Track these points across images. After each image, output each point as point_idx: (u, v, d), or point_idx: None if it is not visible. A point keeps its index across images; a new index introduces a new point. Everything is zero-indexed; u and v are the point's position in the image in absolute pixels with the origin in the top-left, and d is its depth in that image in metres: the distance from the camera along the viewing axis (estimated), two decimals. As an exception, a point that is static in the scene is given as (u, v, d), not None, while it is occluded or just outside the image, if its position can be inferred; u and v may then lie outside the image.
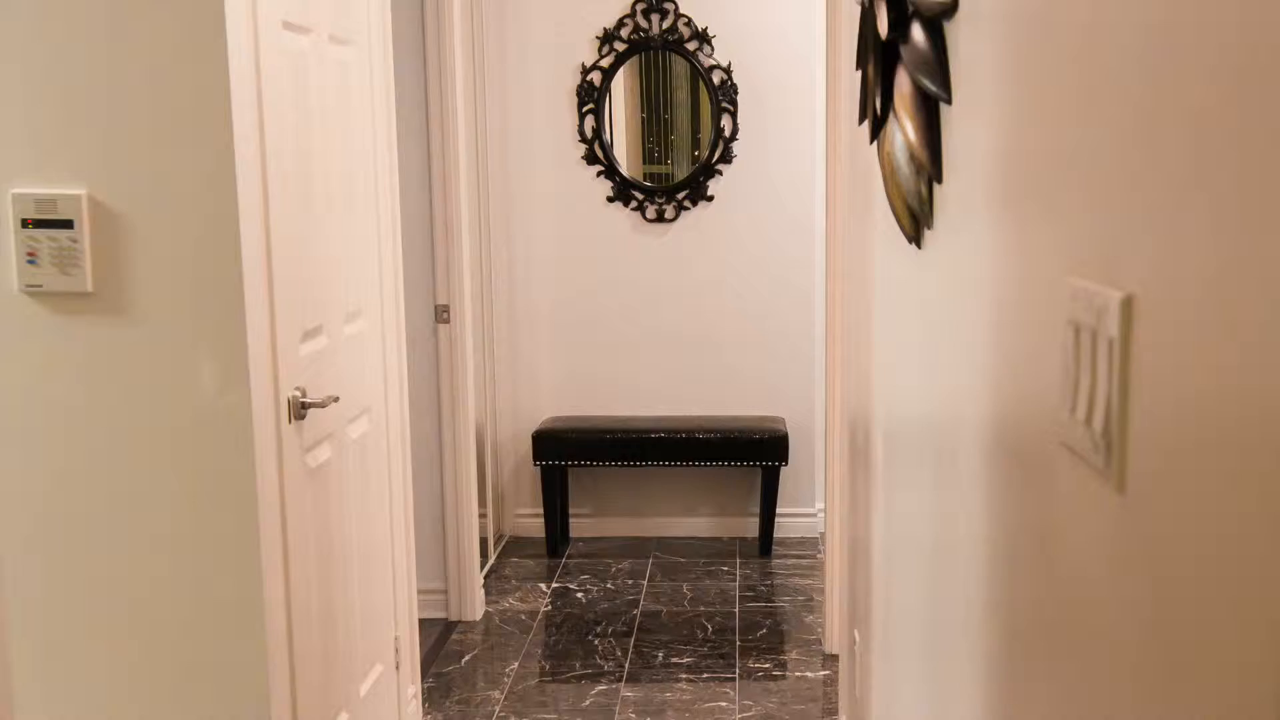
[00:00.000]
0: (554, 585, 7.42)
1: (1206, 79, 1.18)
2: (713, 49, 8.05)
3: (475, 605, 6.84)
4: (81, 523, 3.78)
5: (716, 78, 8.06)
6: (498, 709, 5.66)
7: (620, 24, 8.06)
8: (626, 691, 5.84)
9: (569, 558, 7.95)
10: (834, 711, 5.56)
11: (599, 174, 8.19)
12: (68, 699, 3.83)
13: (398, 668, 5.27)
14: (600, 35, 8.08)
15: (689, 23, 8.03)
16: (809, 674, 6.07)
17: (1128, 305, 1.38)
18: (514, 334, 8.29)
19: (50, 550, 3.79)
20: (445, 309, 6.64)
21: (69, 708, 3.83)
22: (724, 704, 5.70)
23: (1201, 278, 1.18)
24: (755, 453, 7.89)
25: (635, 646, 6.39)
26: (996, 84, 2.08)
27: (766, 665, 6.17)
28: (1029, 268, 1.87)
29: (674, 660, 6.22)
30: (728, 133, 8.12)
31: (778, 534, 8.19)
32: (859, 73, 3.48)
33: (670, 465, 7.93)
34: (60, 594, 3.80)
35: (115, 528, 3.79)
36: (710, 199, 8.18)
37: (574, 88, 8.14)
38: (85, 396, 3.74)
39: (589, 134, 8.14)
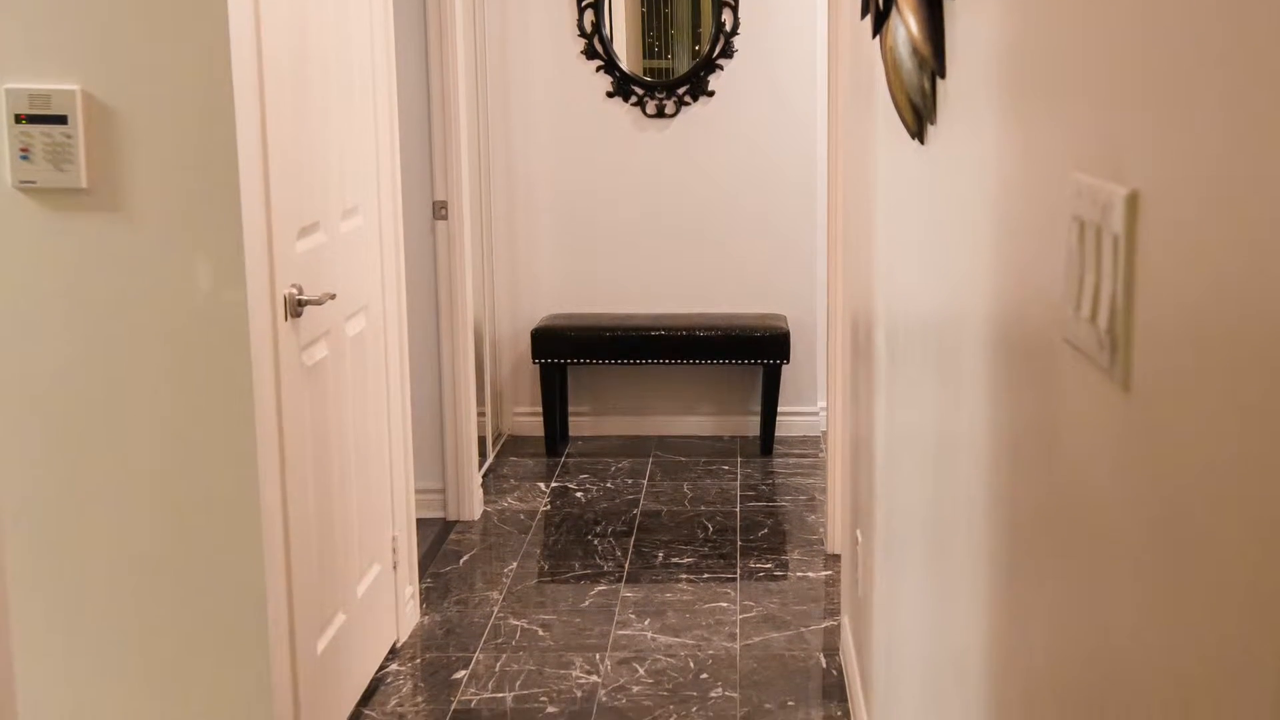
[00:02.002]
0: (553, 485, 7.42)
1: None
2: (714, -58, 7.98)
3: (473, 505, 6.84)
4: (76, 422, 3.78)
5: (718, -29, 8.00)
6: (496, 609, 5.67)
7: (620, -84, 7.99)
8: (626, 592, 5.84)
9: (568, 457, 7.95)
10: (836, 612, 5.57)
11: (598, 69, 8.13)
12: (60, 592, 3.82)
13: (395, 568, 5.26)
14: (600, -72, 8.01)
15: (690, -85, 7.95)
16: (810, 574, 6.07)
17: (1133, 201, 1.36)
18: (513, 231, 8.27)
19: (44, 449, 3.79)
20: (443, 205, 6.61)
21: (61, 601, 3.82)
22: (725, 604, 5.70)
23: (1208, 173, 1.16)
24: (756, 351, 7.88)
25: (635, 546, 6.39)
26: (1002, -26, 2.03)
27: (768, 565, 6.17)
28: (1033, 163, 1.84)
29: (674, 560, 6.22)
30: (728, 27, 8.06)
31: (779, 433, 8.19)
32: (861, -36, 3.44)
33: (671, 363, 7.93)
34: (53, 493, 3.79)
35: (110, 428, 3.78)
36: (711, 94, 8.14)
37: (573, -19, 8.08)
38: (79, 294, 3.73)
39: (588, 28, 8.08)
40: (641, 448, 8.10)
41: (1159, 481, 1.28)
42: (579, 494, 7.26)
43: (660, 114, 8.16)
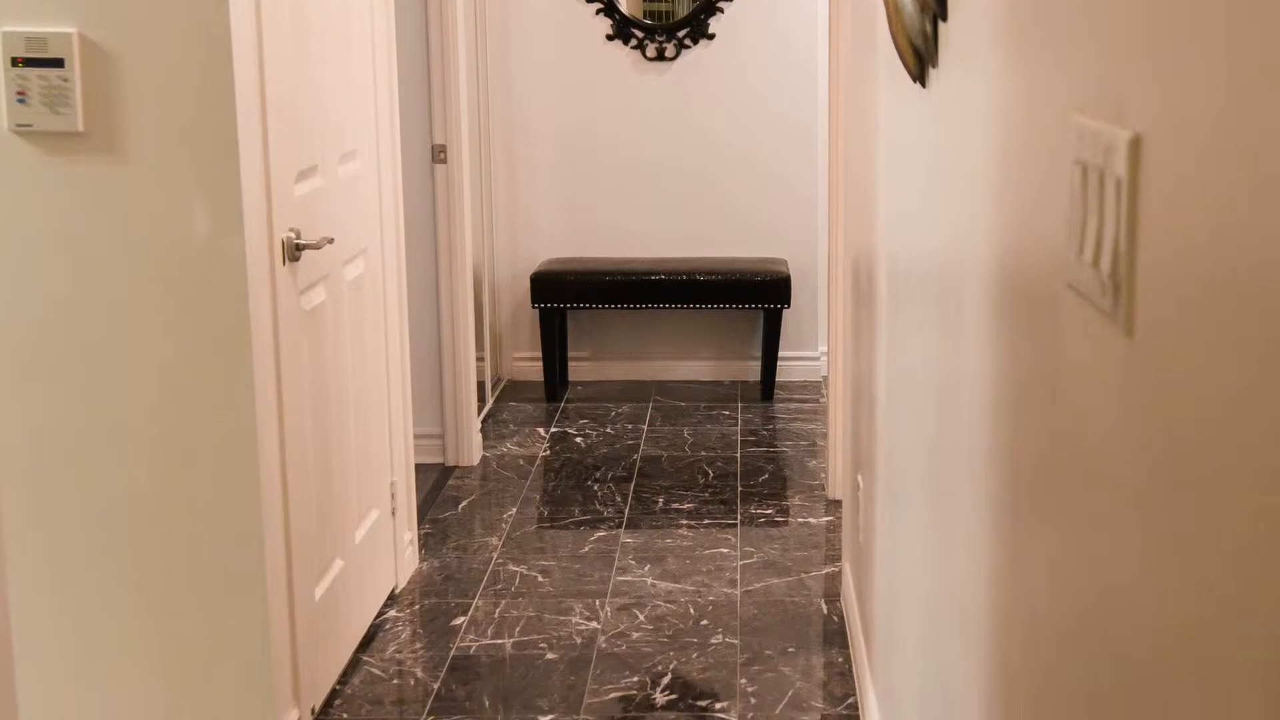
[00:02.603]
0: (552, 430, 7.42)
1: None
2: (715, -117, 7.93)
3: (472, 450, 6.83)
4: (73, 367, 3.77)
5: (718, -87, 7.95)
6: (495, 555, 5.66)
7: None
8: (626, 538, 5.84)
9: (568, 402, 7.94)
10: (837, 558, 5.56)
11: (598, 12, 8.10)
12: (56, 539, 3.82)
13: (394, 514, 5.26)
14: None
15: None
16: (811, 520, 6.07)
17: (1136, 145, 1.34)
18: (512, 175, 8.24)
19: (41, 394, 3.78)
20: (442, 149, 6.59)
21: (57, 549, 3.81)
22: (725, 550, 5.70)
23: (1211, 115, 1.15)
24: (757, 295, 7.87)
25: (635, 492, 6.39)
26: (1006, -87, 2.01)
27: (768, 511, 6.16)
28: (1035, 106, 1.83)
29: (674, 506, 6.22)
30: (730, -31, 8.03)
31: (780, 378, 8.18)
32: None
33: (671, 308, 7.92)
34: (50, 438, 3.79)
35: (107, 372, 3.77)
36: (711, 37, 8.10)
37: (573, -77, 8.03)
38: (75, 238, 3.72)
39: (588, -30, 8.05)
40: (641, 393, 8.09)
41: (1161, 426, 1.27)
42: (579, 439, 7.25)
43: (660, 57, 8.13)
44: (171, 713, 3.90)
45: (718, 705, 4.42)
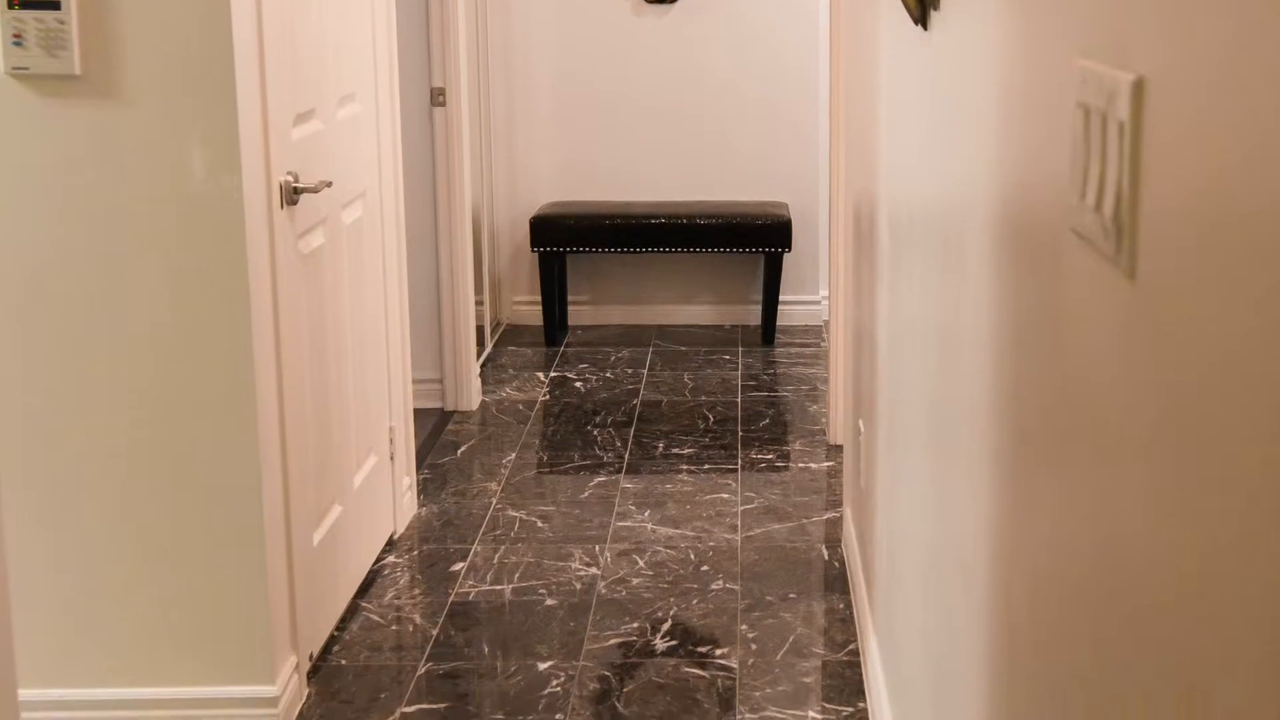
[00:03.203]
0: (552, 374, 7.40)
1: None
2: None
3: (471, 395, 6.81)
4: (70, 311, 3.76)
5: None
6: (494, 501, 5.65)
7: None
8: (626, 483, 5.83)
9: (567, 346, 7.92)
10: (838, 503, 5.55)
11: (599, -47, 8.05)
12: (53, 484, 3.81)
13: (392, 459, 5.24)
14: None
15: None
16: (812, 465, 6.06)
17: (1139, 88, 1.34)
18: (511, 118, 8.21)
19: (37, 338, 3.76)
20: (441, 92, 6.55)
21: (54, 494, 3.80)
22: (725, 495, 5.69)
23: (1215, 59, 1.14)
24: (757, 239, 7.86)
25: (635, 437, 6.38)
26: None
27: (769, 456, 6.15)
28: (1038, 49, 1.83)
29: (675, 451, 6.20)
30: (730, -90, 7.98)
31: (780, 322, 8.16)
32: None
33: (671, 252, 7.91)
34: (47, 383, 3.78)
35: (104, 316, 3.76)
36: (713, -21, 8.05)
37: None
38: (72, 182, 3.70)
39: (588, -89, 8.00)
40: (641, 337, 8.07)
41: (1165, 370, 1.27)
42: (578, 384, 7.24)
43: (661, -1, 8.10)
44: (169, 660, 3.90)
45: (718, 651, 4.42)
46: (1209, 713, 1.16)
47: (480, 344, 7.27)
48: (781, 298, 8.15)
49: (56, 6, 3.59)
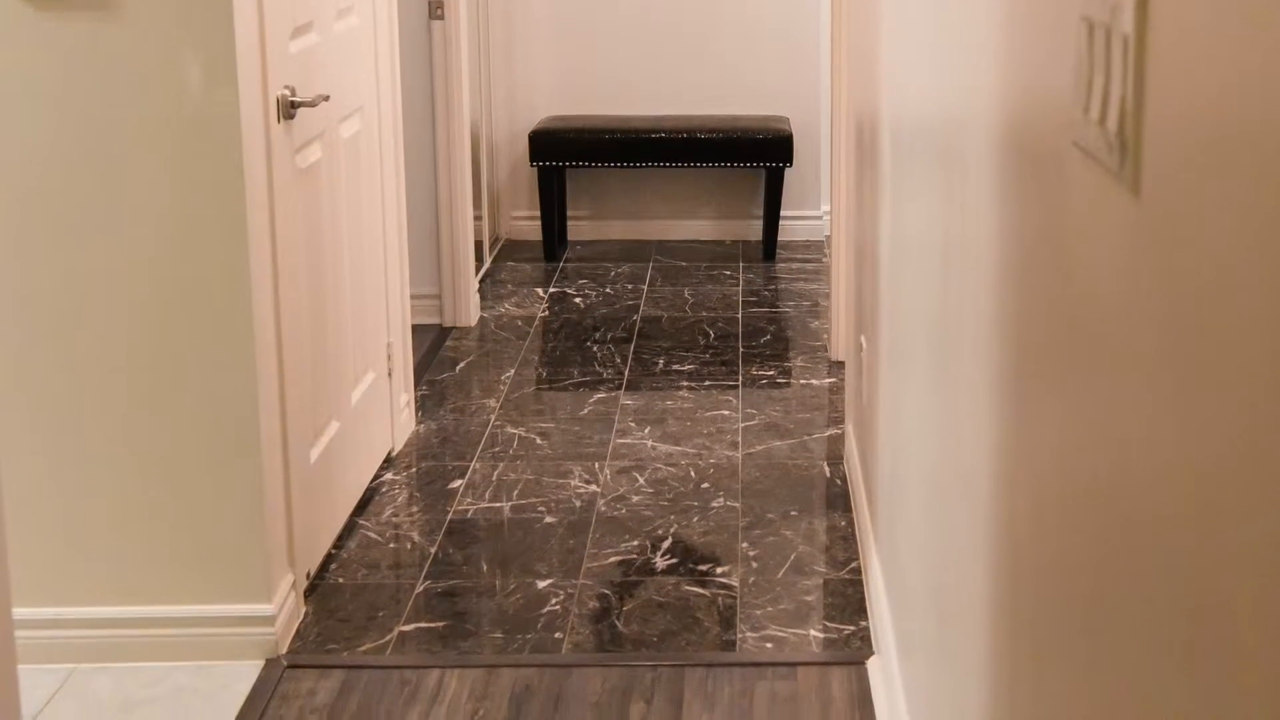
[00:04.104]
0: (551, 290, 7.37)
1: None
2: None
3: (470, 311, 6.78)
4: (65, 228, 3.73)
5: None
6: (493, 418, 5.62)
7: None
8: (626, 399, 5.80)
9: (566, 261, 7.89)
10: (840, 420, 5.52)
11: None
12: (49, 400, 3.79)
13: (390, 375, 5.22)
14: None
15: None
16: (814, 381, 6.03)
17: (1143, 0, 1.33)
18: (510, 31, 8.16)
19: (33, 255, 3.74)
20: (439, 4, 6.53)
21: (50, 410, 3.79)
22: (726, 412, 5.66)
23: None
24: (759, 153, 7.82)
25: (635, 353, 6.34)
26: None
27: (770, 372, 6.13)
28: None
29: (675, 367, 6.17)
30: None
31: (782, 237, 8.12)
32: None
33: (672, 166, 7.88)
34: (43, 299, 3.76)
35: (99, 233, 3.73)
36: (714, -111, 7.98)
37: None
38: (67, 97, 3.67)
39: None
40: (641, 252, 8.04)
41: (1169, 285, 1.27)
42: (578, 299, 7.20)
43: (661, -91, 8.02)
44: (165, 579, 3.88)
45: (719, 569, 4.40)
46: (1213, 628, 1.15)
47: (479, 259, 7.23)
48: (783, 213, 8.11)
49: (51, -81, 3.56)
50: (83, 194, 3.70)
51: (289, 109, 4.06)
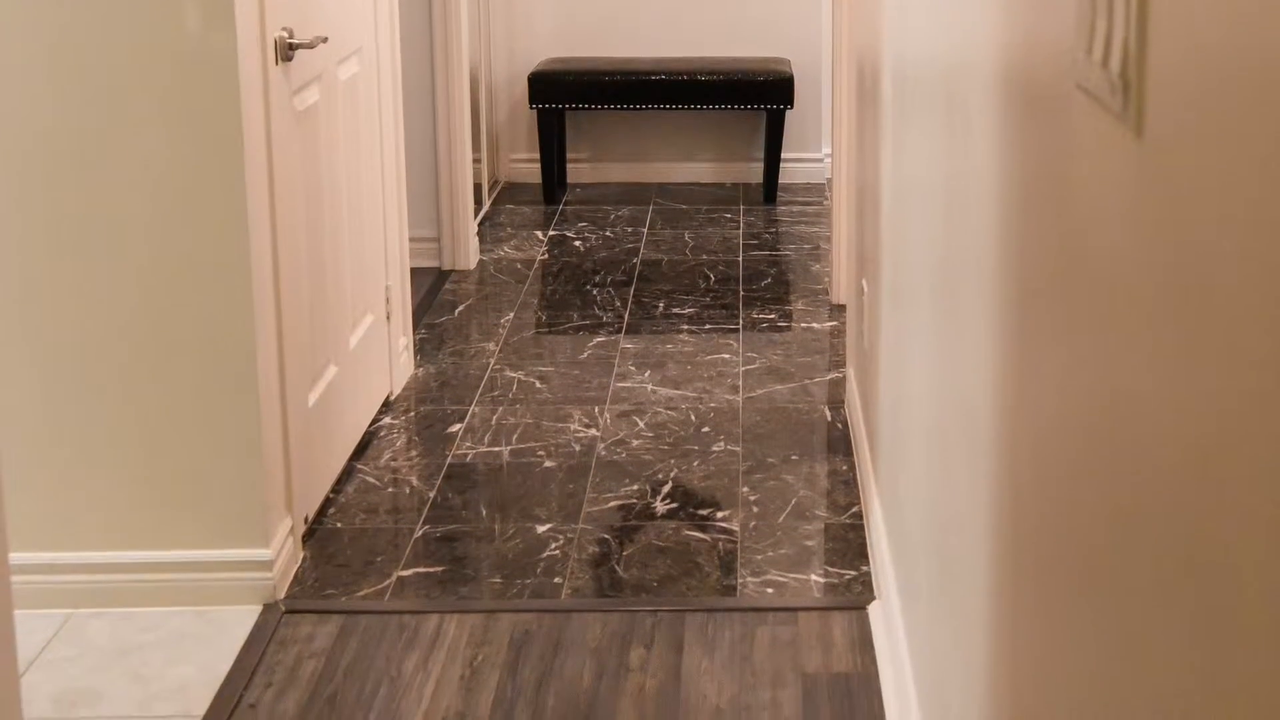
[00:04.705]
0: (550, 233, 7.34)
1: None
2: None
3: (469, 254, 6.75)
4: (60, 173, 3.71)
5: None
6: (492, 361, 5.60)
7: None
8: (626, 343, 5.78)
9: (566, 204, 7.87)
10: (841, 364, 5.50)
11: None
12: (44, 344, 3.78)
13: (388, 318, 5.20)
14: None
15: None
16: (815, 325, 6.01)
17: None
18: (510, -28, 8.11)
19: (27, 200, 3.72)
20: (437, -55, 6.45)
21: (46, 352, 3.78)
22: (727, 356, 5.64)
23: None
24: (759, 96, 7.81)
25: (635, 296, 6.32)
26: None
27: (771, 316, 6.11)
28: None
29: (675, 311, 6.15)
30: None
31: (783, 180, 8.10)
32: None
33: (672, 108, 7.87)
34: (38, 242, 3.74)
35: (96, 176, 3.71)
36: None
37: None
38: (62, 40, 3.64)
39: None
40: (641, 195, 8.01)
41: (1172, 228, 1.27)
42: (577, 243, 7.18)
43: None
44: (163, 523, 3.87)
45: (719, 514, 4.38)
46: (1216, 576, 1.15)
47: (478, 202, 7.21)
48: (784, 155, 8.09)
49: None
50: (79, 138, 3.68)
51: (287, 51, 4.04)
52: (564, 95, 7.86)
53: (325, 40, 4.26)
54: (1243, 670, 1.08)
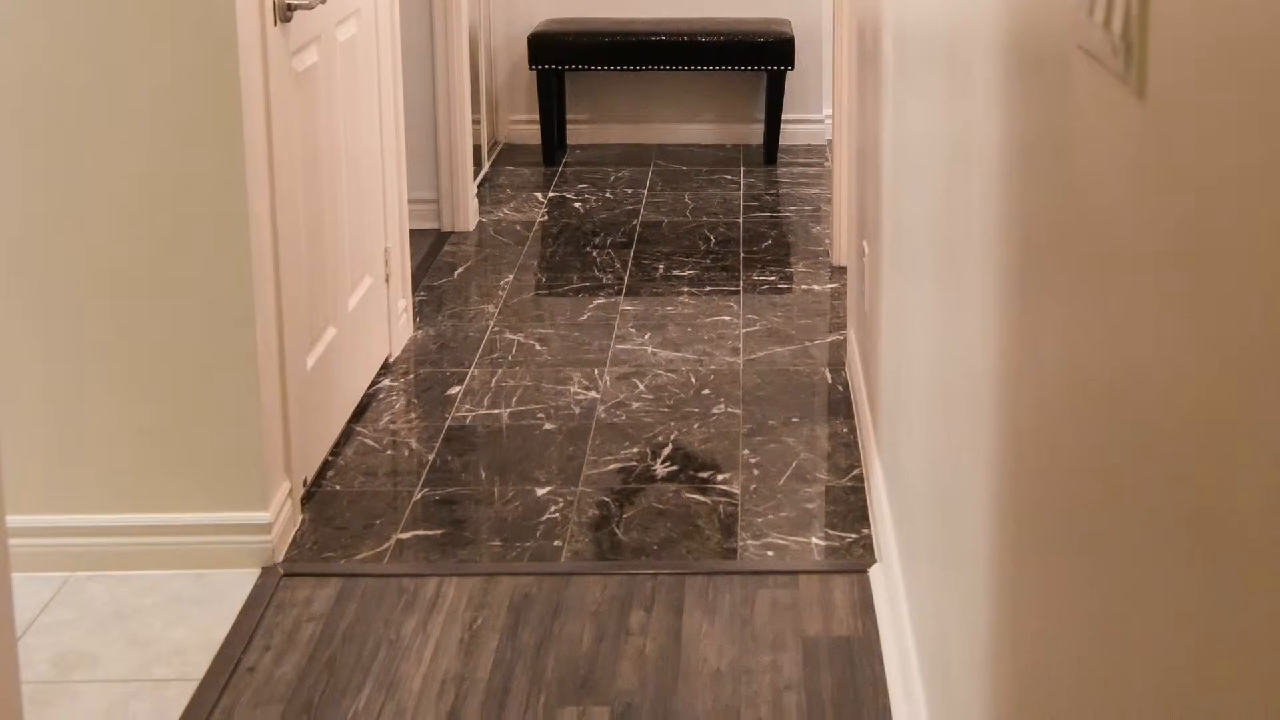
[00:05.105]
0: (550, 195, 7.32)
1: None
2: None
3: (468, 216, 6.74)
4: (58, 133, 3.69)
5: None
6: (492, 323, 5.59)
7: None
8: (626, 305, 5.77)
9: (566, 166, 7.84)
10: (841, 326, 5.49)
11: None
12: (42, 304, 3.77)
13: (388, 280, 5.18)
14: None
15: None
16: (815, 287, 6.00)
17: None
18: (509, -69, 8.08)
19: (25, 160, 3.71)
20: (436, -96, 6.43)
21: (43, 313, 3.77)
22: (727, 318, 5.63)
23: None
24: (760, 56, 7.79)
25: (635, 258, 6.31)
26: None
27: (771, 278, 6.09)
28: None
29: (675, 273, 6.14)
30: None
31: (783, 141, 8.08)
32: None
33: (672, 69, 7.85)
34: (35, 204, 3.73)
35: (93, 137, 3.70)
36: None
37: None
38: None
39: None
40: (641, 156, 7.99)
41: (1174, 188, 1.26)
42: (577, 204, 7.16)
43: None
44: (162, 487, 3.86)
45: (719, 477, 4.37)
46: (1218, 536, 1.14)
47: (477, 164, 7.19)
48: (784, 116, 8.07)
49: None
50: (78, 97, 3.66)
51: (285, 11, 4.03)
52: (564, 56, 7.84)
53: (324, 1, 4.24)
54: (1244, 629, 1.08)
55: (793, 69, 7.91)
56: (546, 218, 6.97)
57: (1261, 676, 1.04)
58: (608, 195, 7.30)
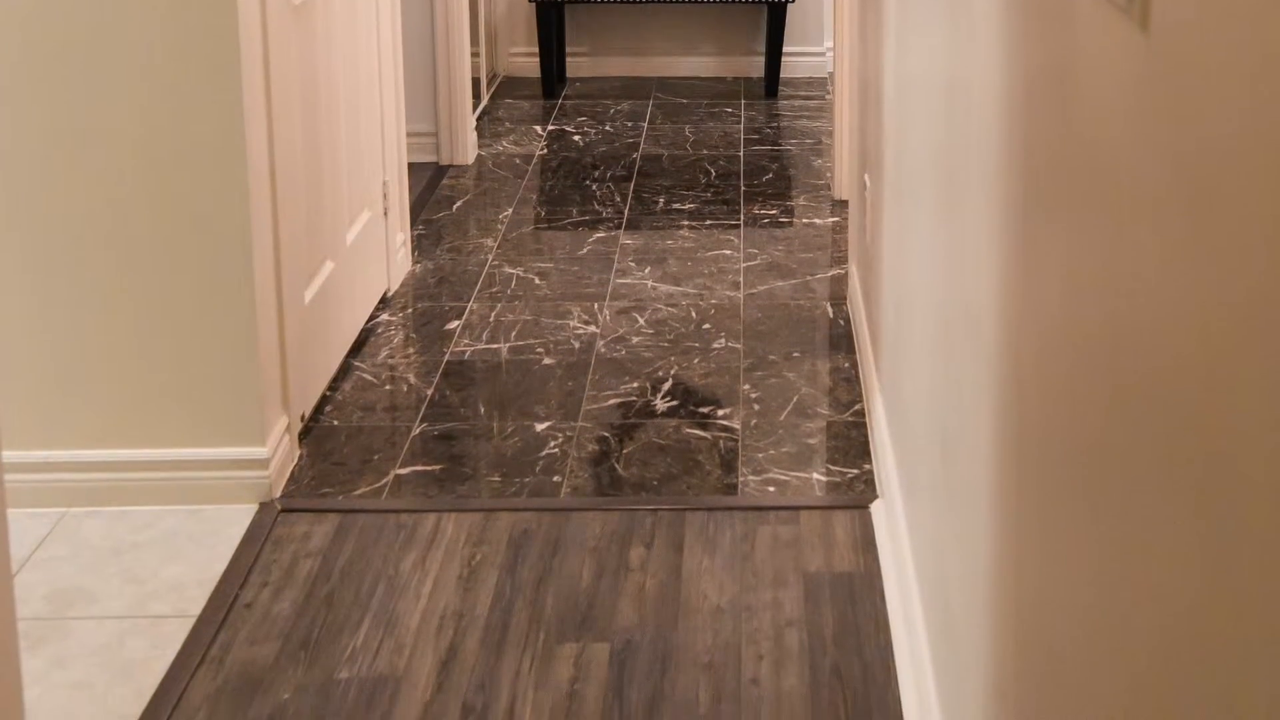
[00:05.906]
0: (549, 128, 7.29)
1: None
2: None
3: (467, 149, 6.71)
4: (56, 67, 3.67)
5: None
6: (490, 257, 5.57)
7: None
8: (625, 239, 5.74)
9: (565, 99, 7.81)
10: (843, 260, 5.47)
11: None
12: (39, 240, 3.76)
13: (386, 214, 5.16)
14: None
15: None
16: (817, 221, 5.97)
17: None
18: None
19: (23, 93, 3.68)
20: None
21: (40, 250, 3.75)
22: (728, 252, 5.60)
23: None
24: (761, -11, 7.73)
25: (635, 192, 6.28)
26: None
27: (772, 212, 6.06)
28: None
29: (675, 206, 6.11)
30: None
31: (784, 74, 8.05)
32: None
33: (672, 1, 7.84)
34: (33, 139, 3.71)
35: (91, 72, 3.67)
36: None
37: None
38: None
39: None
40: (641, 89, 7.96)
41: (1178, 125, 1.26)
42: (576, 137, 7.13)
43: None
44: (158, 422, 3.85)
45: (720, 412, 4.35)
46: (1220, 470, 1.15)
47: (476, 97, 7.17)
48: (785, 49, 8.04)
49: None
50: (73, 33, 3.64)
51: (281, -58, 4.00)
52: (563, -13, 7.82)
53: (321, -69, 4.22)
54: (1246, 562, 1.08)
55: (794, 1, 7.86)
56: (546, 151, 6.94)
57: (1261, 608, 1.05)
58: (607, 128, 7.27)
